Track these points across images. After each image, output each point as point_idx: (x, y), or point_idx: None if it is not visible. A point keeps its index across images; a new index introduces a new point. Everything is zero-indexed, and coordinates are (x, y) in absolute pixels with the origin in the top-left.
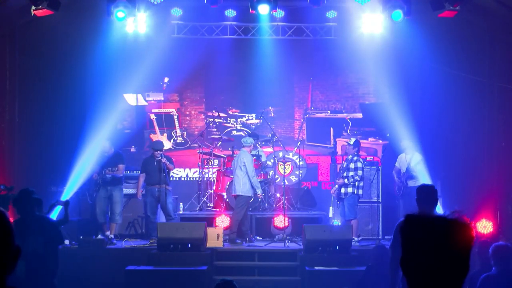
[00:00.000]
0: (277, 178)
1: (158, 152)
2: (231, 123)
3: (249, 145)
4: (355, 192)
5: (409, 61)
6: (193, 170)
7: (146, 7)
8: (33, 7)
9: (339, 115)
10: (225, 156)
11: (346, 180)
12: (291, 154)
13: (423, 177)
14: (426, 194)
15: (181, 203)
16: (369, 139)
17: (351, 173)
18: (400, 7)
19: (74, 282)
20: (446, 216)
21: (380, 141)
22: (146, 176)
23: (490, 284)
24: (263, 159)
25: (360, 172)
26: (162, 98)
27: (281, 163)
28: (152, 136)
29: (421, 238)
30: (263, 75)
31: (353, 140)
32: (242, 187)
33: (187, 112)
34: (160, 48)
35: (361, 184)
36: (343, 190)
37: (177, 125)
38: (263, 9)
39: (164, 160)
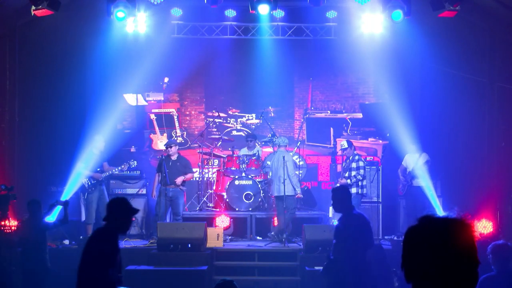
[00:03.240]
0: None
1: (166, 150)
2: (231, 123)
3: (285, 144)
4: (359, 192)
5: (409, 61)
6: (193, 170)
7: (146, 7)
8: (33, 7)
9: (339, 115)
10: (225, 156)
11: (349, 181)
12: (291, 154)
13: (426, 177)
14: (339, 194)
15: None
16: (369, 139)
17: (353, 173)
18: (400, 7)
19: (74, 282)
20: (448, 216)
21: (380, 141)
22: (161, 176)
23: (490, 285)
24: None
25: (362, 171)
26: (162, 98)
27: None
28: (152, 136)
29: (422, 240)
30: (263, 75)
31: (345, 143)
32: (286, 187)
33: (187, 112)
34: (160, 48)
35: (364, 183)
36: None
37: (177, 125)
38: (263, 9)
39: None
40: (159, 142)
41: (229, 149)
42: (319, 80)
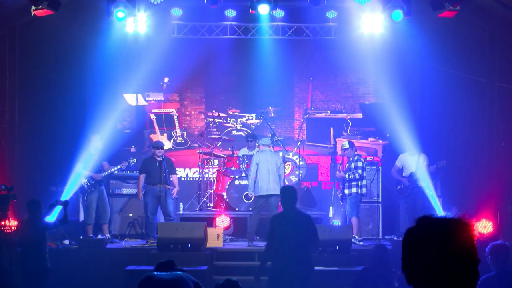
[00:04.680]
0: None
1: (159, 151)
2: (231, 123)
3: (269, 144)
4: (359, 192)
5: (409, 61)
6: (193, 170)
7: (146, 7)
8: (33, 7)
9: (339, 115)
10: (225, 156)
11: (347, 175)
12: (291, 154)
13: (426, 178)
14: (290, 193)
15: (181, 203)
16: (369, 139)
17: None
18: (400, 7)
19: (74, 282)
20: (447, 216)
21: (380, 141)
22: (147, 176)
23: (489, 285)
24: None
25: (360, 171)
26: (162, 98)
27: None
28: (152, 136)
29: (423, 241)
30: (263, 75)
31: (346, 143)
32: (274, 187)
33: (187, 112)
34: (160, 48)
35: (364, 182)
36: (347, 191)
37: (177, 125)
38: (263, 9)
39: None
40: None
41: (229, 149)
42: (319, 80)
